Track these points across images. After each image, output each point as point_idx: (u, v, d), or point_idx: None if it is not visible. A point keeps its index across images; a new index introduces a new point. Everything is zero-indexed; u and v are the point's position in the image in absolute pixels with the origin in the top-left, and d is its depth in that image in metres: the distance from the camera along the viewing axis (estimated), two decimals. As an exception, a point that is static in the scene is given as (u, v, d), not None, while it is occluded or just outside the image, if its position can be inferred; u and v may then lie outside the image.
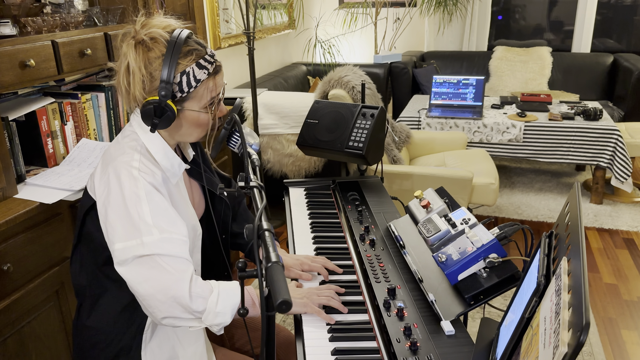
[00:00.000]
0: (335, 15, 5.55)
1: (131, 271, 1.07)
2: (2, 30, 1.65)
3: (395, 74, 4.83)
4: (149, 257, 1.06)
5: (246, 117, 3.28)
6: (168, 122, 1.12)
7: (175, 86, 1.11)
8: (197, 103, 1.16)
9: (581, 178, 4.19)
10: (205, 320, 1.11)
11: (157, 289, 1.07)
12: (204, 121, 1.19)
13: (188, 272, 1.10)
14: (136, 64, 1.10)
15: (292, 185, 1.95)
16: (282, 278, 0.66)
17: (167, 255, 1.07)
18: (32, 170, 1.82)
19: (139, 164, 1.12)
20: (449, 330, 1.11)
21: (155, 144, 1.18)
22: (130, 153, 1.14)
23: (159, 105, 1.10)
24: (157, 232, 1.07)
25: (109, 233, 1.09)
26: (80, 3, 2.04)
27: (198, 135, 1.22)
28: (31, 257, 1.58)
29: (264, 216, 0.83)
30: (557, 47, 5.32)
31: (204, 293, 1.10)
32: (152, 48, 1.11)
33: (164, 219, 1.09)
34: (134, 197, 1.08)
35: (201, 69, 1.14)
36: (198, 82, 1.13)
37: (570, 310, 0.64)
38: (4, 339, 1.51)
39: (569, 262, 0.74)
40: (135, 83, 1.11)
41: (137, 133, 1.18)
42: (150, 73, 1.11)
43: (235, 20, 3.94)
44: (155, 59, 1.11)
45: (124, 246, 1.06)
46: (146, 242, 1.06)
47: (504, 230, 1.20)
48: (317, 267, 1.36)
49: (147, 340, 1.22)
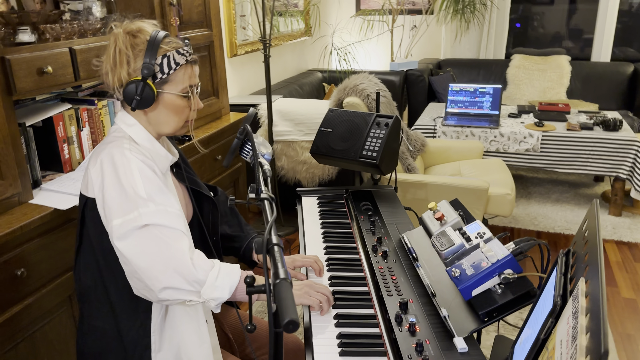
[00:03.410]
0: (352, 23, 5.55)
1: (130, 244, 1.10)
2: (21, 38, 1.67)
3: (411, 81, 4.81)
4: (147, 227, 1.10)
5: (261, 124, 3.29)
6: (148, 101, 1.20)
7: (156, 67, 1.20)
8: (175, 87, 1.24)
9: (600, 189, 4.12)
10: (204, 293, 1.13)
11: (156, 260, 1.10)
12: (180, 107, 1.25)
13: (186, 243, 1.14)
14: (124, 44, 1.21)
15: (304, 194, 1.94)
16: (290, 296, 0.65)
17: (165, 227, 1.12)
18: (48, 175, 1.84)
19: (129, 146, 1.20)
20: (462, 347, 1.08)
21: (140, 136, 1.25)
22: (119, 141, 1.21)
23: (142, 83, 1.18)
24: (153, 205, 1.12)
25: (106, 213, 1.13)
26: (98, 10, 2.06)
27: (175, 124, 1.27)
28: (45, 262, 1.59)
29: (274, 230, 0.82)
30: (576, 55, 5.25)
31: (205, 265, 1.14)
32: (137, 35, 1.22)
33: (158, 194, 1.15)
34: (127, 174, 1.14)
35: (180, 54, 1.23)
36: (177, 64, 1.22)
37: (588, 335, 0.61)
38: (16, 344, 1.52)
39: (587, 283, 0.72)
40: (121, 62, 1.21)
41: (122, 128, 1.25)
42: (136, 54, 1.21)
43: (252, 27, 3.96)
44: (141, 43, 1.21)
45: (122, 221, 1.10)
46: (143, 213, 1.10)
47: (519, 245, 1.17)
48: (309, 261, 1.42)
49: (156, 343, 1.21)
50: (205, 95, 2.59)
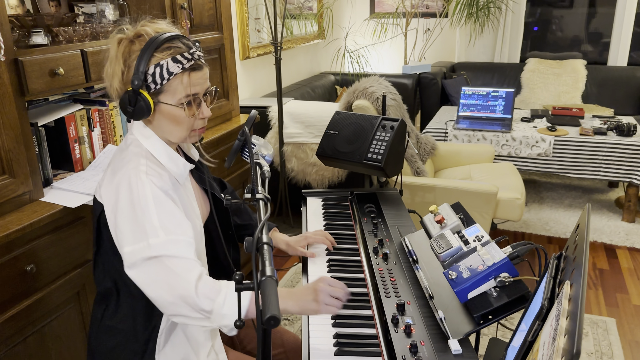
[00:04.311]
0: (366, 26, 5.56)
1: (140, 274, 1.10)
2: (34, 40, 1.71)
3: (424, 84, 4.80)
4: (156, 258, 1.09)
5: (271, 126, 3.32)
6: (142, 113, 1.16)
7: (148, 76, 1.15)
8: (171, 97, 1.18)
9: (614, 195, 4.07)
10: (214, 321, 1.11)
11: (165, 289, 1.09)
12: (180, 117, 1.20)
13: (195, 272, 1.11)
14: (115, 54, 1.16)
15: (310, 196, 1.96)
16: (273, 293, 0.67)
17: (173, 257, 1.10)
18: (59, 174, 1.88)
19: (146, 168, 1.16)
20: (456, 349, 1.09)
21: (158, 148, 1.21)
22: (136, 159, 1.17)
23: (133, 94, 1.14)
24: (164, 233, 1.10)
25: (118, 238, 1.13)
26: (111, 13, 2.11)
27: (179, 134, 1.22)
28: (54, 258, 1.63)
29: (265, 229, 0.84)
30: (595, 59, 5.19)
31: (211, 294, 1.10)
32: (135, 43, 1.16)
33: (170, 221, 1.12)
34: (141, 200, 1.11)
35: (176, 62, 1.16)
36: (171, 74, 1.15)
37: (566, 337, 0.62)
38: (25, 338, 1.56)
39: (572, 286, 0.73)
40: (114, 73, 1.17)
41: (139, 140, 1.22)
42: (129, 65, 1.16)
43: (267, 30, 3.99)
44: (135, 52, 1.16)
45: (132, 249, 1.09)
46: (152, 244, 1.08)
47: (516, 249, 1.18)
48: (321, 239, 1.52)
49: (160, 345, 1.24)
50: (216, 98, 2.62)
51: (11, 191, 1.57)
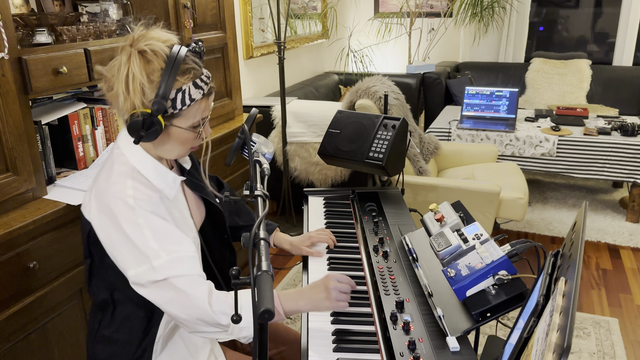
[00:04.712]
0: (370, 25, 5.56)
1: (151, 294, 1.11)
2: (38, 39, 1.73)
3: (428, 84, 4.80)
4: (164, 281, 1.09)
5: (275, 125, 3.33)
6: (154, 136, 1.12)
7: (169, 102, 1.11)
8: (185, 121, 1.15)
9: (618, 195, 4.05)
10: (232, 333, 1.13)
11: (180, 310, 1.10)
12: (188, 139, 1.18)
13: (204, 288, 1.12)
14: (139, 71, 1.10)
15: (311, 194, 1.96)
16: (269, 287, 0.67)
17: (180, 276, 1.09)
18: (63, 172, 1.90)
19: (133, 192, 1.12)
20: (454, 346, 1.09)
21: (146, 165, 1.17)
22: (121, 181, 1.13)
23: (150, 118, 1.09)
24: (165, 254, 1.09)
25: (119, 262, 1.12)
26: (114, 13, 2.12)
27: (179, 152, 1.21)
28: (56, 255, 1.64)
29: (263, 225, 0.84)
30: (601, 59, 5.17)
31: (226, 309, 1.11)
32: (151, 60, 1.11)
33: (168, 241, 1.11)
34: (134, 227, 1.08)
35: (197, 88, 1.13)
36: (193, 100, 1.13)
37: (558, 332, 0.62)
38: (28, 334, 1.58)
39: (566, 283, 0.73)
40: (135, 90, 1.10)
41: (126, 155, 1.17)
42: (151, 84, 1.10)
43: (271, 30, 4.00)
44: (156, 71, 1.10)
45: (136, 272, 1.09)
46: (156, 266, 1.08)
47: (515, 247, 1.18)
48: (325, 238, 1.55)
49: (157, 352, 1.24)
50: (219, 96, 2.63)
51: (14, 189, 1.58)
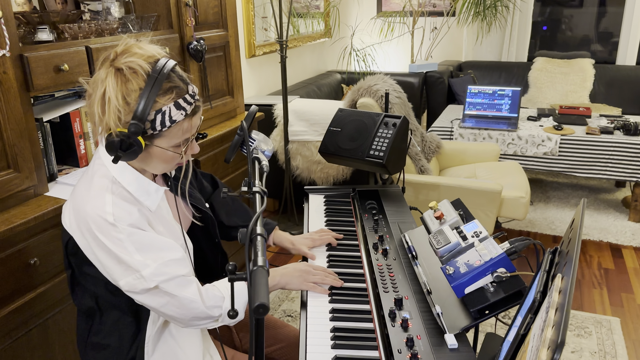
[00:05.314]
0: (372, 24, 5.56)
1: (146, 300, 1.13)
2: (40, 36, 1.73)
3: (430, 83, 4.79)
4: (155, 288, 1.11)
5: (277, 124, 3.33)
6: (133, 156, 1.08)
7: (147, 123, 1.07)
8: (167, 142, 1.11)
9: (620, 195, 4.04)
10: (223, 321, 1.20)
11: (175, 312, 1.14)
12: (170, 158, 1.15)
13: (193, 287, 1.15)
14: (114, 93, 1.04)
15: (312, 192, 1.96)
16: (263, 282, 0.68)
17: (169, 280, 1.11)
18: (64, 169, 1.90)
19: (112, 208, 1.08)
20: (452, 343, 1.09)
21: (127, 177, 1.14)
22: (100, 196, 1.09)
23: (127, 140, 1.05)
24: (152, 261, 1.09)
25: (108, 274, 1.12)
26: (116, 11, 2.12)
27: (164, 168, 1.18)
28: (57, 252, 1.65)
29: (260, 221, 0.85)
30: (604, 59, 5.16)
31: (217, 302, 1.17)
32: (129, 79, 1.05)
33: (152, 250, 1.10)
34: (117, 243, 1.07)
35: (179, 109, 1.08)
36: (173, 122, 1.08)
37: (553, 328, 0.62)
38: (29, 330, 1.58)
39: (563, 279, 0.73)
40: (110, 112, 1.05)
41: (107, 166, 1.13)
42: (127, 105, 1.05)
43: (274, 29, 4.00)
44: (133, 92, 1.05)
45: (126, 282, 1.10)
46: (146, 274, 1.09)
47: (514, 245, 1.18)
48: (329, 238, 1.56)
49: (149, 353, 1.23)
50: (220, 95, 2.63)
51: (16, 185, 1.59)
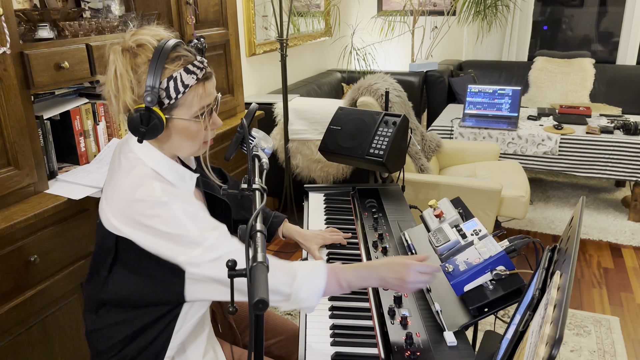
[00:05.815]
0: (373, 23, 5.56)
1: (211, 272, 1.06)
2: (40, 34, 1.73)
3: (430, 82, 4.79)
4: (219, 258, 1.06)
5: (277, 123, 3.33)
6: (156, 131, 1.08)
7: (162, 92, 1.07)
8: (186, 111, 1.11)
9: (620, 194, 4.04)
10: (293, 303, 1.10)
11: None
12: (194, 132, 1.13)
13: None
14: (124, 67, 1.07)
15: (312, 191, 1.97)
16: (263, 278, 0.68)
17: (233, 251, 1.07)
18: (65, 167, 1.90)
19: (162, 194, 1.08)
20: (451, 341, 1.10)
21: (164, 166, 1.14)
22: (147, 184, 1.09)
23: (146, 112, 1.06)
24: (211, 233, 1.07)
25: (167, 255, 1.07)
26: (117, 8, 2.13)
27: (189, 148, 1.17)
28: (57, 250, 1.65)
29: (260, 218, 0.85)
30: (605, 59, 5.15)
31: (288, 279, 1.08)
32: (138, 54, 1.08)
33: (206, 223, 1.09)
34: (173, 222, 1.05)
35: (189, 74, 1.09)
36: (186, 87, 1.09)
37: (552, 325, 0.63)
38: (29, 327, 1.58)
39: (561, 276, 0.73)
40: (124, 88, 1.08)
41: (143, 159, 1.14)
42: (138, 78, 1.07)
43: (274, 27, 4.00)
44: (142, 64, 1.07)
45: (189, 257, 1.05)
46: (208, 246, 1.05)
47: (513, 243, 1.18)
48: (339, 238, 1.57)
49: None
50: (221, 93, 2.63)
51: (16, 183, 1.59)
